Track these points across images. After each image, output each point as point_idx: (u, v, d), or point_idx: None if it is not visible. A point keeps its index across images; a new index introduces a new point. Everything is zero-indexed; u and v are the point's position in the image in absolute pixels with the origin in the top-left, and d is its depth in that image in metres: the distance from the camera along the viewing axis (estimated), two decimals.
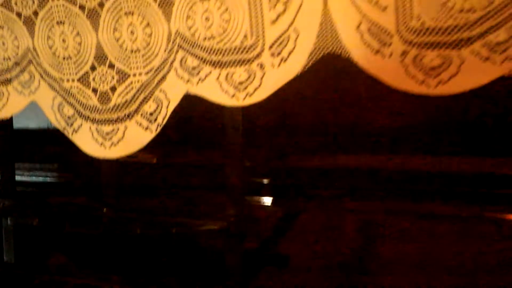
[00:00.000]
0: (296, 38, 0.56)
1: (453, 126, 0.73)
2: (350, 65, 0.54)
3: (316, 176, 0.76)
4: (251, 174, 0.69)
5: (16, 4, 0.69)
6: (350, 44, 0.54)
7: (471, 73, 0.51)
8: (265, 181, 0.70)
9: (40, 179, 0.87)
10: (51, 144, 0.85)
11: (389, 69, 0.54)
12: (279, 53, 0.57)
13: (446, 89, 0.52)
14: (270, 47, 0.58)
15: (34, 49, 0.71)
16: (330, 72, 0.75)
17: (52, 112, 0.72)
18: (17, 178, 0.83)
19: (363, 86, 0.77)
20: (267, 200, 0.69)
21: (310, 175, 0.76)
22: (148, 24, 0.63)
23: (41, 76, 0.71)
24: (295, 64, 0.57)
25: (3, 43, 0.72)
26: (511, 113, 0.71)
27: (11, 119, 0.81)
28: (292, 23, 0.56)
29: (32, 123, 0.90)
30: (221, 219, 0.59)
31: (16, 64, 0.73)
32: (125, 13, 0.63)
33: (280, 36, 0.57)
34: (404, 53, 0.53)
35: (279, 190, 0.72)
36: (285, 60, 0.57)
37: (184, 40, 0.61)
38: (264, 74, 0.59)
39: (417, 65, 0.53)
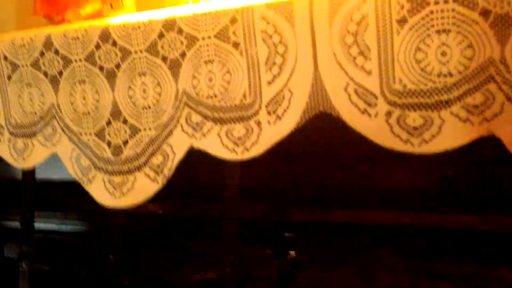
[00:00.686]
0: (290, 98, 0.61)
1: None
2: None
3: (320, 231, 0.78)
4: (250, 225, 0.71)
5: (43, 64, 0.76)
6: (339, 104, 0.58)
7: (452, 133, 0.53)
8: (265, 233, 0.72)
9: (58, 227, 0.92)
10: (70, 194, 0.90)
11: (376, 128, 0.57)
12: (274, 111, 0.62)
13: (429, 148, 0.55)
14: (267, 105, 0.62)
15: (58, 105, 0.77)
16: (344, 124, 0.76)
17: (70, 163, 0.77)
18: (37, 225, 0.88)
19: None
20: (267, 252, 0.71)
21: (314, 229, 0.78)
22: (158, 84, 0.68)
23: (62, 130, 0.77)
24: (289, 122, 0.61)
25: (31, 99, 0.79)
26: None
27: (33, 169, 0.86)
28: (286, 84, 0.61)
29: (55, 175, 0.95)
30: (217, 269, 0.62)
31: (41, 118, 0.79)
32: (138, 74, 0.69)
33: (276, 96, 0.61)
34: (388, 113, 0.56)
35: (279, 243, 0.74)
36: (280, 118, 0.62)
37: (190, 98, 0.66)
38: (261, 130, 0.63)
39: (401, 125, 0.56)
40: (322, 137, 0.75)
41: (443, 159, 0.58)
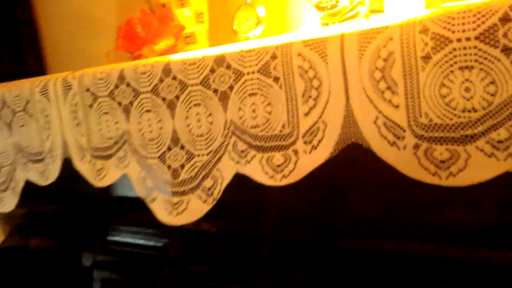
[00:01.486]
0: (324, 129, 0.64)
1: None
2: None
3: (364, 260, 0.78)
4: (289, 248, 0.74)
5: (117, 96, 0.86)
6: (369, 136, 0.60)
7: (478, 167, 0.54)
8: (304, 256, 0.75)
9: (132, 240, 1.01)
10: (142, 211, 0.99)
11: (404, 160, 0.59)
12: (310, 141, 0.65)
13: (456, 181, 0.55)
14: (303, 136, 0.66)
15: (129, 131, 0.86)
16: None
17: (138, 183, 0.86)
18: (113, 238, 0.98)
19: None
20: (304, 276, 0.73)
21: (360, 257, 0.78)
22: (210, 114, 0.75)
23: (132, 154, 0.87)
24: (323, 152, 0.64)
25: (108, 126, 0.90)
26: None
27: (109, 187, 0.96)
28: (320, 116, 0.64)
29: (130, 192, 1.05)
30: None
31: (115, 143, 0.89)
32: (194, 104, 0.76)
33: (311, 127, 0.65)
34: (416, 146, 0.57)
35: (323, 269, 0.76)
36: (316, 148, 0.65)
37: (236, 127, 0.72)
38: (298, 159, 0.67)
39: (428, 158, 0.57)
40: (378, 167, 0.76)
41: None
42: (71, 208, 1.12)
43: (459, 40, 0.52)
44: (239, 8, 1.07)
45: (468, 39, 0.52)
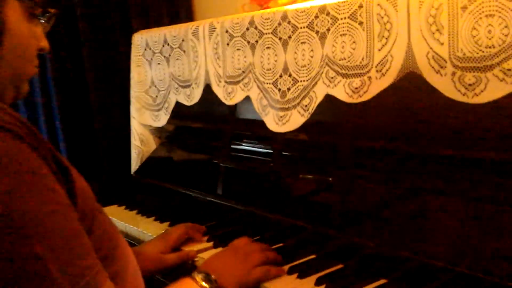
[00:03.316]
0: (391, 61, 0.87)
1: None
2: None
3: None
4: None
5: (248, 36, 1.16)
6: (422, 65, 0.83)
7: (493, 89, 0.74)
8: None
9: (247, 147, 1.32)
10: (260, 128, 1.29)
11: (445, 84, 0.80)
12: (380, 70, 0.89)
13: (478, 99, 0.76)
14: (376, 66, 0.89)
15: (253, 63, 1.16)
16: None
17: (256, 102, 1.16)
18: (234, 147, 1.29)
19: None
20: None
21: None
22: (312, 50, 1.01)
23: (254, 80, 1.16)
24: (389, 78, 0.88)
25: (238, 60, 1.20)
26: None
27: (234, 110, 1.27)
28: (390, 51, 0.87)
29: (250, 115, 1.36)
30: None
31: (243, 72, 1.19)
32: (301, 43, 1.03)
33: (382, 59, 0.88)
34: (453, 74, 0.79)
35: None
36: (384, 75, 0.88)
37: (329, 60, 0.97)
38: (370, 83, 0.91)
39: (461, 82, 0.78)
40: None
41: None
42: (207, 124, 1.46)
43: None
44: None
45: None
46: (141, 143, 1.64)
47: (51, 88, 1.89)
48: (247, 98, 1.19)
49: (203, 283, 0.81)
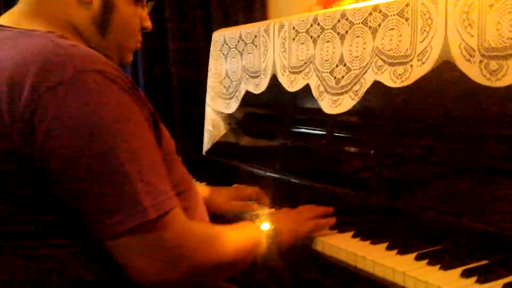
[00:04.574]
0: (430, 51, 1.01)
1: None
2: None
3: None
4: None
5: (310, 31, 1.33)
6: (455, 55, 0.97)
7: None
8: None
9: (304, 129, 1.49)
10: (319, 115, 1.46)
11: (474, 71, 0.94)
12: (421, 59, 1.03)
13: (499, 83, 0.89)
14: (417, 55, 1.04)
15: (314, 55, 1.33)
16: None
17: (314, 89, 1.33)
18: (293, 130, 1.47)
19: None
20: None
21: None
22: (365, 43, 1.17)
23: (314, 70, 1.33)
24: (427, 66, 1.02)
25: (302, 52, 1.38)
26: None
27: (293, 98, 1.45)
28: (430, 42, 1.02)
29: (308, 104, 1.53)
30: None
31: (305, 63, 1.37)
32: (356, 37, 1.19)
33: (423, 50, 1.03)
34: (480, 62, 0.92)
35: None
36: (423, 63, 1.03)
37: (378, 51, 1.13)
38: (412, 71, 1.05)
39: (486, 69, 0.91)
40: None
41: None
42: (270, 111, 1.65)
43: None
44: None
45: None
46: (213, 127, 1.86)
47: (140, 76, 2.15)
48: (305, 89, 1.36)
49: (263, 226, 0.97)
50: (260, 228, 0.96)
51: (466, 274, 0.81)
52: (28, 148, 0.70)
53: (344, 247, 0.98)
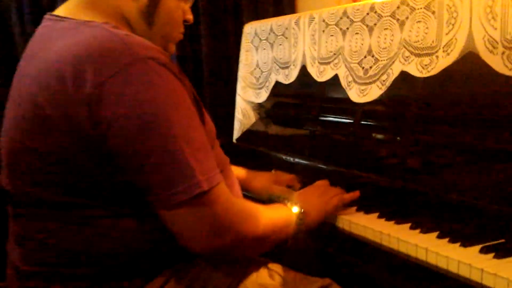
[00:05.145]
0: (455, 43, 1.07)
1: None
2: None
3: None
4: None
5: (340, 23, 1.39)
6: (479, 47, 1.02)
7: None
8: None
9: (332, 118, 1.56)
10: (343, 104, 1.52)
11: (496, 61, 0.99)
12: (446, 50, 1.09)
13: None
14: (443, 47, 1.10)
15: (343, 47, 1.39)
16: None
17: (343, 79, 1.39)
18: (320, 118, 1.54)
19: None
20: None
21: None
22: (392, 35, 1.23)
23: (343, 61, 1.40)
24: (452, 57, 1.07)
25: (331, 43, 1.44)
26: None
27: (323, 89, 1.52)
28: (455, 34, 1.07)
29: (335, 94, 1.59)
30: None
31: (334, 54, 1.43)
32: (384, 29, 1.25)
33: (448, 41, 1.08)
34: (503, 53, 0.97)
35: None
36: (448, 54, 1.08)
37: (405, 42, 1.19)
38: (437, 61, 1.11)
39: (508, 59, 0.97)
40: None
41: None
42: (299, 101, 1.72)
43: None
44: None
45: None
46: (243, 116, 1.93)
47: None
48: (332, 80, 1.43)
49: (293, 209, 1.04)
50: (290, 210, 1.03)
51: (484, 250, 0.87)
52: (94, 130, 0.78)
53: (370, 226, 1.05)
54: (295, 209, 1.03)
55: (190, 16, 1.05)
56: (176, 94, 0.82)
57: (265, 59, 1.79)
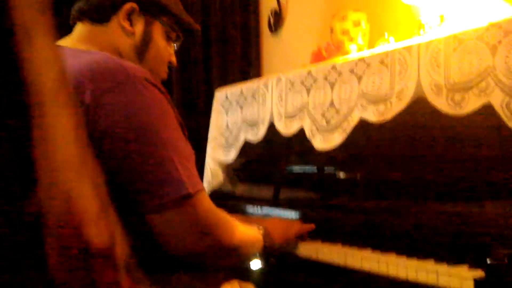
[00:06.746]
0: (406, 90, 1.22)
1: None
2: None
3: None
4: None
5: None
6: (427, 91, 1.17)
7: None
8: None
9: None
10: None
11: (442, 103, 1.14)
12: (398, 97, 1.24)
13: (462, 111, 1.09)
14: (396, 94, 1.25)
15: (307, 102, 1.54)
16: None
17: (307, 131, 1.52)
18: None
19: None
20: None
21: None
22: (351, 87, 1.38)
23: (307, 114, 1.53)
24: (403, 103, 1.22)
25: (293, 100, 1.58)
26: None
27: None
28: (406, 83, 1.23)
29: None
30: None
31: (299, 109, 1.57)
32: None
33: (400, 89, 1.24)
34: (447, 96, 1.13)
35: None
36: (400, 100, 1.23)
37: (363, 93, 1.34)
38: (391, 107, 1.25)
39: (453, 101, 1.11)
40: None
41: None
42: (265, 158, 1.83)
43: None
44: None
45: None
46: (212, 177, 2.02)
47: None
48: (298, 133, 1.56)
49: (261, 230, 1.12)
50: (259, 231, 1.11)
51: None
52: (91, 136, 0.85)
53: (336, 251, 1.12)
54: (263, 230, 1.12)
55: (174, 59, 1.18)
56: (166, 108, 0.92)
57: (235, 120, 1.92)
